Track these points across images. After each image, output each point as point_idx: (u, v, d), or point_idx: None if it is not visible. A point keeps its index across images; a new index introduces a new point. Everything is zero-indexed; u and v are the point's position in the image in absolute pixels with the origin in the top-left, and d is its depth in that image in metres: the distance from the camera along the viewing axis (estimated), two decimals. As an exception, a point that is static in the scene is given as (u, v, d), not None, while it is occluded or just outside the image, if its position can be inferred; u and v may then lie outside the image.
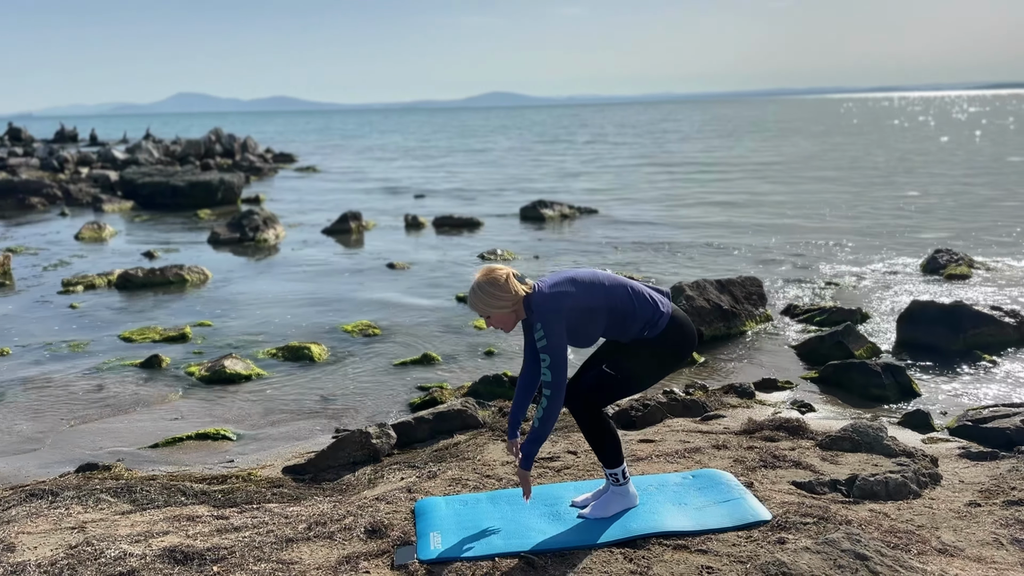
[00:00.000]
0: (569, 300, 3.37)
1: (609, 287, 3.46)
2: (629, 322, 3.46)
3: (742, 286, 8.03)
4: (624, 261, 11.44)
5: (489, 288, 3.37)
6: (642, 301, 3.48)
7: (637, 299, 3.47)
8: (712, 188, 20.73)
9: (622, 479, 3.69)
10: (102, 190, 21.71)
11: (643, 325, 3.47)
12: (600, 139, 49.63)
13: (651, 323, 3.47)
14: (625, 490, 3.72)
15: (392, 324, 8.37)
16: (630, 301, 3.45)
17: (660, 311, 3.49)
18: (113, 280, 10.78)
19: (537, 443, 3.50)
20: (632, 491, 3.76)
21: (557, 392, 3.38)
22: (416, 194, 21.31)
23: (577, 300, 3.38)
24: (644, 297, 3.50)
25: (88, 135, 58.85)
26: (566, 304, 3.36)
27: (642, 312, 3.46)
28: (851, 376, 6.14)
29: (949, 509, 3.84)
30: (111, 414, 6.10)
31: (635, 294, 3.48)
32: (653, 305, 3.49)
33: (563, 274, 3.52)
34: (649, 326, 3.47)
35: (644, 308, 3.47)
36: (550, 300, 3.36)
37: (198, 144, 35.03)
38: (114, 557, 3.59)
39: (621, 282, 3.51)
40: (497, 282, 3.36)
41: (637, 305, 3.45)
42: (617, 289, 3.47)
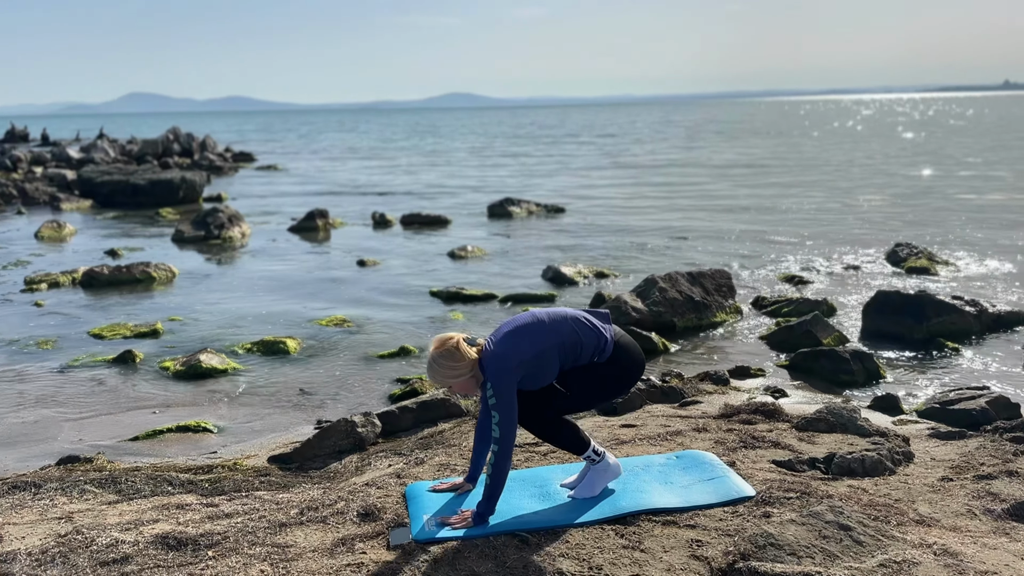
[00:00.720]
0: (517, 356, 3.42)
1: (552, 325, 3.52)
2: (579, 352, 3.53)
3: (712, 278, 8.19)
4: (594, 255, 11.56)
5: (444, 361, 3.42)
6: (586, 330, 3.55)
7: (581, 330, 3.54)
8: (675, 188, 21.00)
9: (596, 457, 3.75)
10: (59, 189, 21.29)
11: (592, 352, 3.55)
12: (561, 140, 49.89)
13: (599, 350, 3.55)
14: (604, 465, 3.78)
15: (367, 319, 8.38)
16: (574, 333, 3.52)
17: (604, 337, 3.56)
18: (78, 278, 10.61)
19: (492, 500, 3.51)
20: (612, 462, 3.80)
21: (506, 448, 3.42)
22: (381, 192, 21.26)
23: (524, 353, 3.43)
24: (586, 325, 3.56)
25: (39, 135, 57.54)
26: (514, 362, 3.40)
27: (588, 341, 3.53)
28: (821, 363, 6.31)
29: (923, 484, 3.99)
30: (87, 408, 6.03)
31: (578, 325, 3.55)
32: (596, 332, 3.56)
33: (505, 327, 3.56)
34: (597, 352, 3.55)
35: (589, 337, 3.54)
36: (499, 360, 3.40)
37: (155, 143, 34.48)
38: (106, 544, 3.58)
39: (562, 315, 3.57)
40: (451, 353, 3.40)
41: (582, 336, 3.53)
42: (560, 325, 3.52)
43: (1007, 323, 7.55)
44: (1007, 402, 5.22)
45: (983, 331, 7.37)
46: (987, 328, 7.43)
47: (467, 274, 10.58)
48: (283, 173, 29.17)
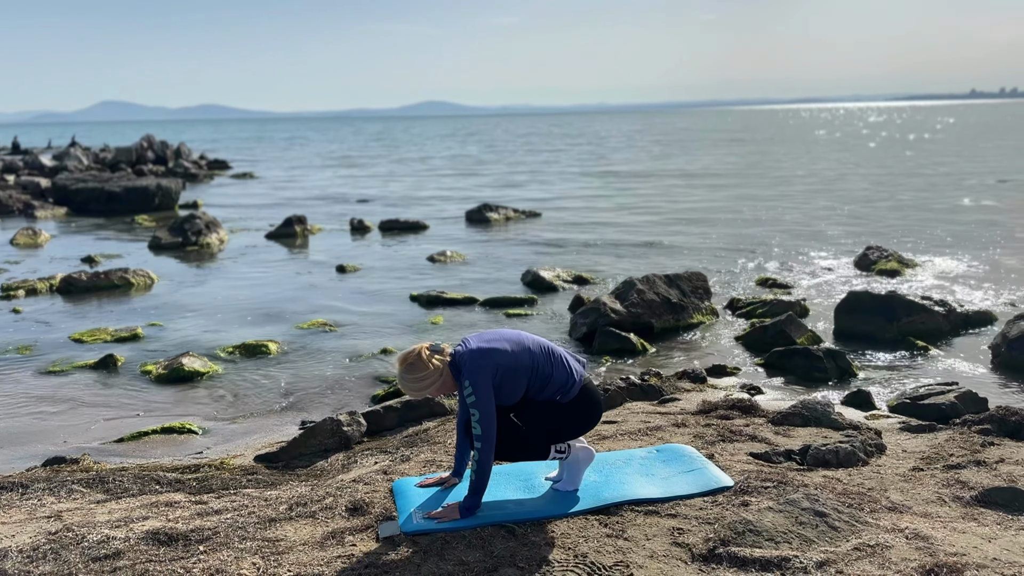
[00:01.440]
0: (498, 356, 3.50)
1: (532, 349, 3.59)
2: (546, 384, 3.60)
3: (688, 280, 8.34)
4: (571, 260, 11.69)
5: (409, 375, 3.49)
6: (559, 366, 3.63)
7: (555, 364, 3.61)
8: (651, 194, 21.21)
9: (564, 451, 3.80)
10: (33, 197, 21.09)
11: (557, 389, 3.62)
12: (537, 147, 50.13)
13: (564, 389, 3.62)
14: (575, 456, 3.85)
15: (348, 322, 8.44)
16: (549, 364, 3.60)
17: (574, 379, 3.64)
18: (56, 284, 10.56)
19: (478, 495, 3.58)
20: (580, 447, 3.85)
21: (487, 444, 3.49)
22: (359, 199, 21.28)
23: (505, 358, 3.51)
24: (562, 362, 3.64)
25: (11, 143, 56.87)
26: (494, 360, 3.48)
27: (558, 377, 3.61)
28: (795, 361, 6.47)
29: (895, 474, 4.13)
30: (70, 412, 6.04)
31: (554, 358, 3.63)
32: (568, 371, 3.64)
33: (490, 333, 3.65)
34: (562, 391, 3.62)
35: (560, 373, 3.61)
36: (479, 356, 3.48)
37: (129, 151, 34.23)
38: (97, 541, 3.62)
39: (543, 345, 3.65)
40: (416, 366, 3.47)
41: (555, 370, 3.60)
42: (539, 352, 3.60)
43: (975, 322, 7.75)
44: (975, 396, 5.38)
45: (952, 330, 7.57)
46: (956, 327, 7.63)
47: (447, 278, 10.66)
48: (259, 181, 29.08)
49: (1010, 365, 6.45)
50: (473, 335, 3.67)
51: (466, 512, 3.58)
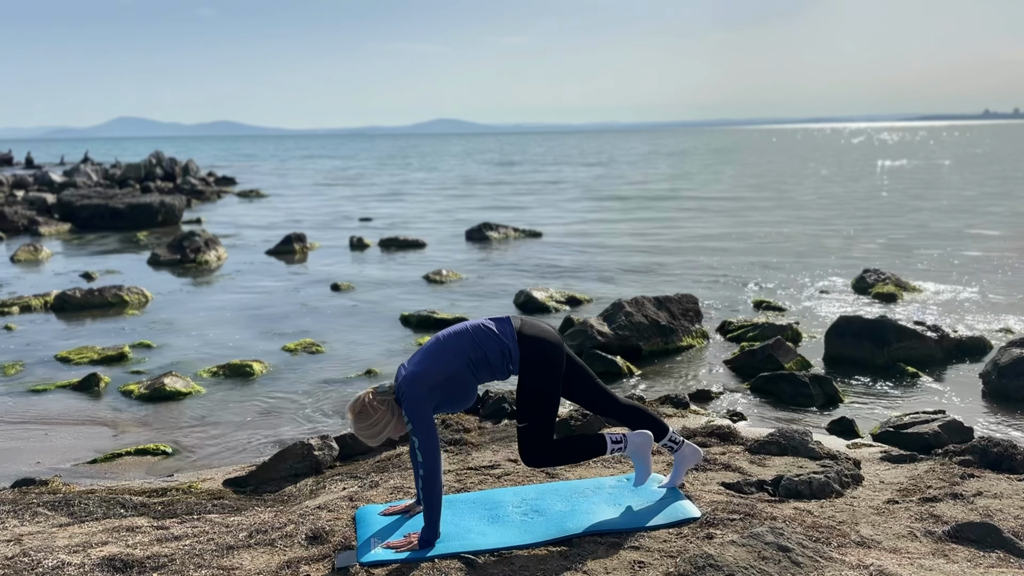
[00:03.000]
0: (428, 378, 3.46)
1: (455, 345, 3.54)
2: (487, 363, 3.55)
3: (679, 303, 8.27)
4: (568, 281, 11.64)
5: (361, 423, 3.48)
6: (487, 341, 3.55)
7: (483, 341, 3.55)
8: (653, 216, 21.17)
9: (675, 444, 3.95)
10: (38, 213, 21.22)
11: (500, 359, 3.55)
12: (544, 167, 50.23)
13: (505, 356, 3.55)
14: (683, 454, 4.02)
15: (336, 342, 8.41)
16: (477, 347, 3.53)
17: (505, 343, 3.55)
18: (50, 301, 10.58)
19: (433, 524, 3.52)
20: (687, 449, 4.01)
21: (431, 471, 3.45)
22: (361, 217, 21.31)
23: (434, 376, 3.47)
24: (486, 334, 3.57)
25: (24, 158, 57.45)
26: (426, 386, 3.45)
27: (492, 351, 3.54)
28: (780, 386, 6.38)
29: (869, 506, 4.04)
30: (48, 432, 6.02)
31: (479, 336, 3.56)
32: (497, 339, 3.56)
33: (420, 351, 3.61)
34: (506, 358, 3.56)
35: (492, 347, 3.54)
36: (409, 386, 3.45)
37: (138, 167, 34.49)
38: (52, 567, 3.57)
39: (463, 331, 3.59)
40: (365, 414, 3.46)
41: (486, 348, 3.54)
42: (462, 343, 3.54)
43: (968, 349, 7.64)
44: (960, 426, 5.29)
45: (945, 357, 7.47)
46: (948, 353, 7.52)
47: (440, 298, 10.62)
48: (265, 198, 29.20)
49: (1000, 394, 6.35)
50: (407, 360, 3.63)
51: (425, 544, 3.52)
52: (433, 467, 3.45)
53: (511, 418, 5.77)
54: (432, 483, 3.46)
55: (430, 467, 3.45)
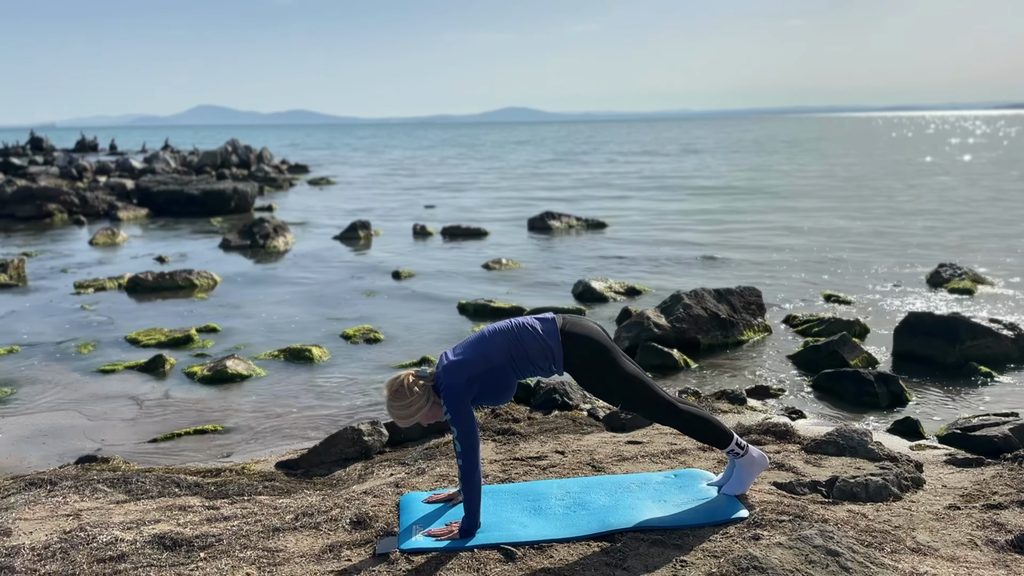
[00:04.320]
0: (469, 368, 3.43)
1: (497, 341, 3.50)
2: (528, 362, 3.50)
3: (741, 296, 8.08)
4: (629, 271, 11.51)
5: (395, 402, 3.46)
6: (530, 339, 3.50)
7: (525, 338, 3.49)
8: (724, 206, 20.77)
9: (740, 451, 3.76)
10: (118, 198, 22.00)
11: (544, 359, 3.50)
12: (613, 155, 49.77)
13: (549, 356, 3.50)
14: (750, 459, 3.80)
15: (393, 330, 8.48)
16: (519, 343, 3.48)
17: (548, 343, 3.49)
18: (123, 283, 10.95)
19: (473, 514, 3.52)
20: (756, 455, 3.82)
21: (469, 462, 3.43)
22: (426, 205, 21.48)
23: (476, 366, 3.44)
24: (529, 332, 3.51)
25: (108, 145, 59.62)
26: (465, 377, 3.42)
27: (534, 350, 3.48)
28: (844, 384, 6.18)
29: (928, 511, 3.87)
30: (113, 411, 6.22)
31: (523, 334, 3.51)
32: (541, 337, 3.49)
33: (463, 343, 3.60)
34: (550, 360, 3.50)
35: (533, 346, 3.48)
36: (449, 377, 3.43)
37: (215, 155, 35.44)
38: (105, 542, 3.68)
39: (506, 329, 3.55)
40: (400, 392, 3.44)
41: (527, 347, 3.49)
42: (505, 339, 3.50)
43: (1048, 348, 7.27)
44: (1033, 430, 5.03)
45: (1021, 356, 7.12)
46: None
47: (499, 287, 10.62)
48: (335, 185, 29.68)
49: (1080, 396, 6.02)
50: (450, 349, 3.62)
51: (465, 533, 3.51)
52: (472, 457, 3.44)
53: (562, 409, 5.73)
54: (471, 473, 3.45)
55: (469, 457, 3.44)
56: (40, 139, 57.93)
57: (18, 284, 11.26)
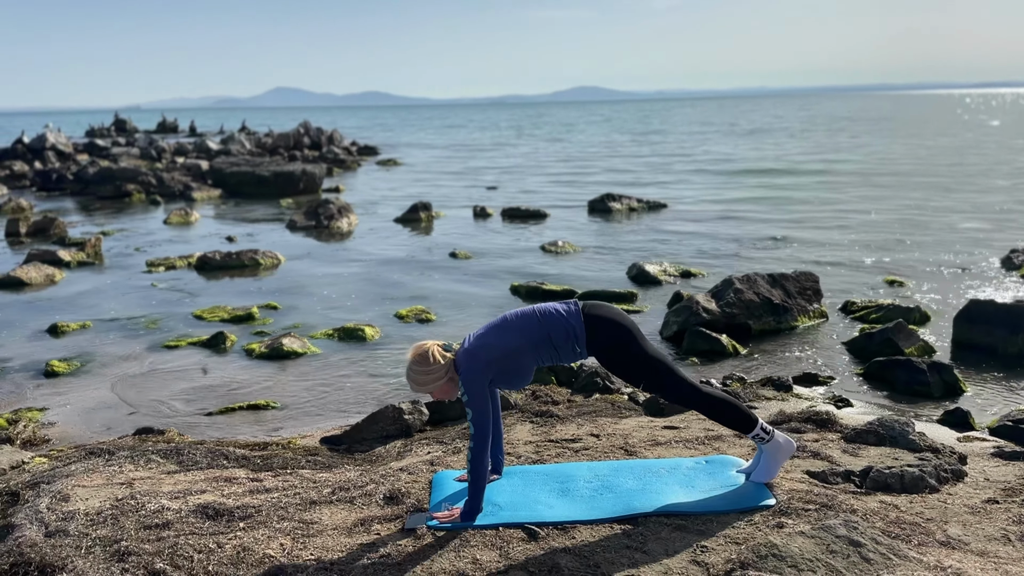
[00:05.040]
0: (486, 354, 3.48)
1: (519, 324, 3.54)
2: (553, 346, 3.53)
3: (796, 280, 7.94)
4: (686, 254, 11.40)
5: (417, 367, 3.52)
6: (554, 323, 3.53)
7: (549, 322, 3.52)
8: (792, 187, 20.30)
9: (765, 436, 3.74)
10: (193, 178, 22.73)
11: (568, 342, 3.53)
12: (683, 136, 49.00)
13: (573, 338, 3.52)
14: (775, 445, 3.78)
15: (445, 310, 8.61)
16: (542, 328, 3.51)
17: (571, 323, 3.51)
18: (193, 262, 11.37)
19: (476, 497, 3.57)
20: (782, 441, 3.79)
21: (478, 446, 3.49)
22: (488, 186, 21.58)
23: (494, 351, 3.49)
24: (553, 316, 3.54)
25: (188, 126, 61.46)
26: (483, 360, 3.47)
27: (557, 334, 3.51)
28: (896, 373, 6.04)
29: (964, 504, 3.79)
30: (174, 385, 6.50)
31: (546, 318, 3.54)
32: (564, 320, 3.53)
33: (485, 326, 3.65)
34: (574, 342, 3.53)
35: (557, 329, 3.51)
36: (468, 360, 3.49)
37: (288, 136, 36.22)
38: (153, 510, 3.89)
39: (530, 313, 3.58)
40: (423, 360, 3.50)
41: (551, 331, 3.51)
42: (527, 323, 3.53)
43: (1121, 340, 6.95)
44: (1089, 424, 4.85)
45: (1091, 347, 6.83)
46: (1096, 344, 6.87)
47: (554, 269, 10.65)
48: (402, 167, 30.05)
49: None
50: (474, 331, 3.68)
51: (467, 516, 3.58)
52: (482, 440, 3.50)
53: (602, 393, 5.76)
54: (480, 456, 3.52)
55: (479, 440, 3.50)
56: (124, 121, 60.11)
57: (95, 262, 11.79)
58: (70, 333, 8.02)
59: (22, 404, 6.09)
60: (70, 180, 22.15)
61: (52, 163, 28.06)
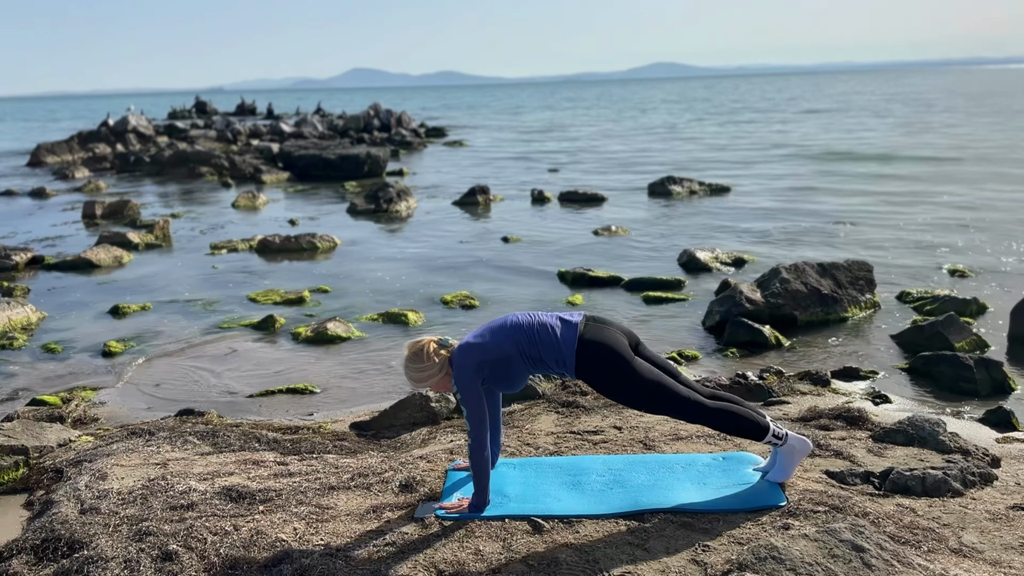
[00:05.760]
0: (479, 354, 3.51)
1: (514, 332, 3.55)
2: (539, 361, 3.55)
3: (848, 270, 7.73)
4: (743, 241, 11.19)
5: (411, 363, 3.60)
6: (545, 340, 3.52)
7: (541, 340, 3.52)
8: (864, 170, 19.64)
9: (779, 440, 3.72)
10: (264, 161, 23.31)
11: (556, 364, 3.53)
12: (758, 115, 47.78)
13: (561, 362, 3.52)
14: (790, 447, 3.76)
15: (490, 296, 8.67)
16: (533, 345, 3.52)
17: (562, 351, 3.50)
18: (254, 245, 11.70)
19: (481, 491, 3.64)
20: (797, 443, 3.76)
21: (476, 442, 3.54)
22: (550, 168, 21.51)
23: (488, 352, 3.52)
24: (548, 334, 3.53)
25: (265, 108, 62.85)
26: (475, 359, 3.51)
27: (547, 353, 3.52)
28: (940, 368, 5.84)
29: (986, 510, 3.67)
30: (220, 367, 6.74)
31: (542, 334, 3.53)
32: (557, 342, 3.51)
33: (484, 326, 3.67)
34: (562, 365, 3.52)
35: (548, 349, 3.51)
36: (461, 358, 3.53)
37: (358, 119, 36.76)
38: (181, 491, 4.07)
39: (527, 323, 3.57)
40: (419, 356, 3.57)
41: (541, 349, 3.52)
42: (522, 334, 3.54)
43: None
44: None
45: None
46: None
47: (603, 255, 10.59)
48: (467, 148, 30.18)
49: None
50: (474, 329, 3.72)
51: (474, 509, 3.65)
52: (479, 436, 3.55)
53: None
54: (477, 451, 3.57)
55: (476, 436, 3.55)
56: (204, 103, 61.89)
57: (163, 244, 12.25)
58: (131, 314, 8.37)
59: (79, 383, 6.40)
60: (147, 162, 22.97)
61: (133, 145, 29.14)
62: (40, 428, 5.05)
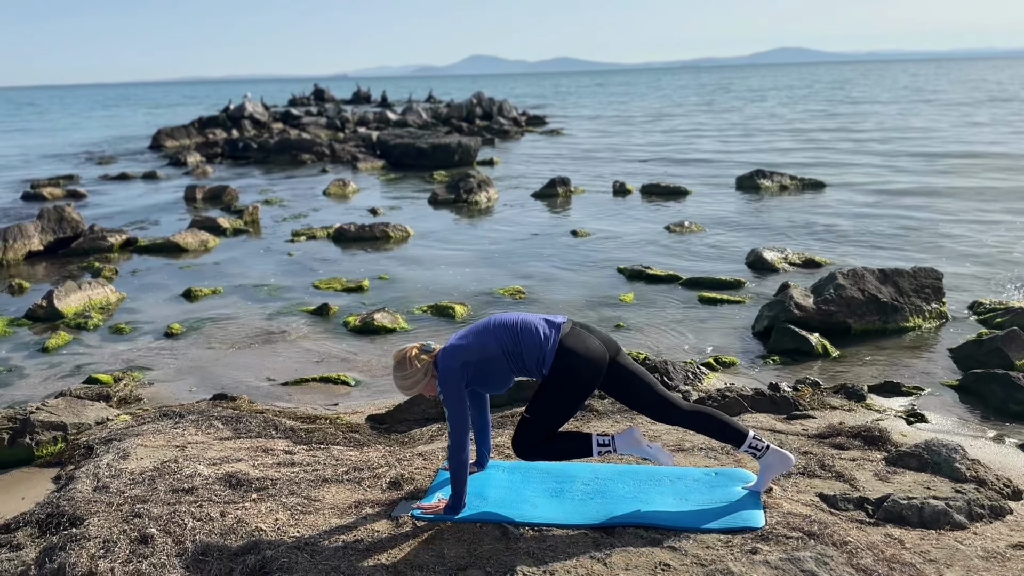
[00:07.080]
0: (462, 355, 3.56)
1: (498, 333, 3.58)
2: (522, 361, 3.57)
3: (913, 277, 7.32)
4: (821, 240, 10.74)
5: (397, 372, 3.66)
6: (529, 340, 3.55)
7: (525, 339, 3.55)
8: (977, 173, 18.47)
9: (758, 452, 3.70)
10: (363, 149, 23.94)
11: (535, 363, 3.56)
12: (878, 105, 45.49)
13: (540, 361, 3.55)
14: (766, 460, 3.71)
15: (543, 291, 8.66)
16: (516, 343, 3.55)
17: (544, 350, 3.53)
18: (331, 233, 12.07)
19: (458, 494, 3.67)
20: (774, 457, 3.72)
21: (455, 444, 3.57)
22: (641, 159, 21.19)
23: (471, 353, 3.55)
24: (531, 334, 3.56)
25: (380, 96, 64.40)
26: (459, 361, 3.55)
27: (528, 352, 3.55)
28: (991, 388, 5.48)
29: (983, 547, 3.45)
30: (266, 351, 7.01)
31: (525, 334, 3.56)
32: (539, 342, 3.54)
33: (468, 327, 3.72)
34: (540, 364, 3.56)
35: (530, 348, 3.55)
36: (444, 360, 3.58)
37: (461, 107, 37.21)
38: (186, 475, 4.28)
39: (511, 323, 3.60)
40: (402, 364, 3.63)
41: (523, 347, 3.55)
42: (506, 333, 3.57)
43: None
44: None
45: None
46: None
47: (670, 251, 10.39)
48: (563, 137, 30.06)
49: None
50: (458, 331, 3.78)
51: (450, 510, 3.68)
52: (459, 438, 3.58)
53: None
54: (456, 452, 3.59)
55: (456, 438, 3.58)
56: (323, 91, 63.95)
57: (250, 230, 12.79)
58: (202, 298, 8.80)
59: (136, 363, 6.80)
60: (254, 149, 23.97)
61: (248, 131, 30.47)
62: (82, 406, 5.40)
